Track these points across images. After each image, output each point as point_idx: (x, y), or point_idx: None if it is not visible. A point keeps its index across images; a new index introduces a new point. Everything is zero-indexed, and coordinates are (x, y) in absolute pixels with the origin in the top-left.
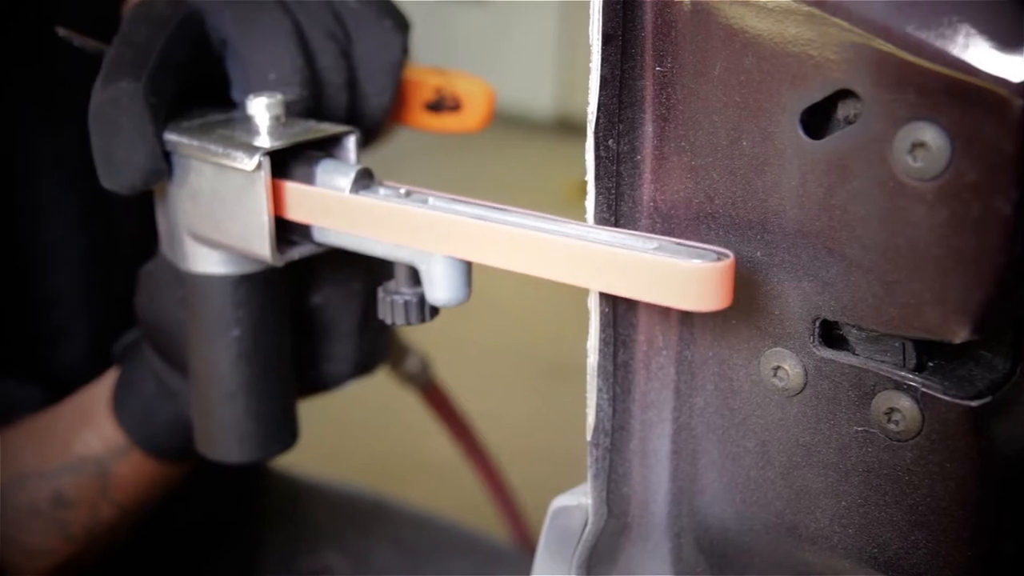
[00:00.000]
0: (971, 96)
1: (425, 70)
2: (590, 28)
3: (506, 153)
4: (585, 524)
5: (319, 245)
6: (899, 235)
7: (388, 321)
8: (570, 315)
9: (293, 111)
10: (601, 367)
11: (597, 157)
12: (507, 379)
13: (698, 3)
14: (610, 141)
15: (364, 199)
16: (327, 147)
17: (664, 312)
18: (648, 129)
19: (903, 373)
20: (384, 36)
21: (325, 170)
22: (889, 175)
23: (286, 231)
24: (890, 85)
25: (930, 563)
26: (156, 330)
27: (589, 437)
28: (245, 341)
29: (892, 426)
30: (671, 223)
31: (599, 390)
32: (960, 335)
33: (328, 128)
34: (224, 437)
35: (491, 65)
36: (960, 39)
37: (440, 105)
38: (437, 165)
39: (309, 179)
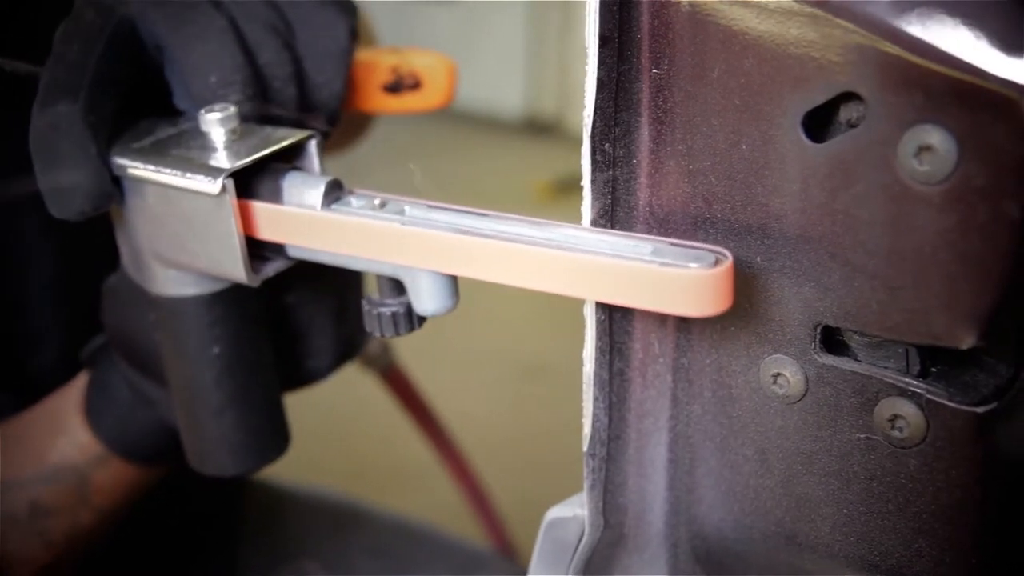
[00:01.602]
0: (979, 98)
1: (379, 51)
2: (586, 30)
3: (475, 154)
4: (581, 536)
5: (293, 259)
6: (904, 240)
7: (377, 334)
8: (544, 317)
9: (241, 112)
10: (597, 376)
11: (593, 161)
12: (483, 382)
13: (696, 4)
14: (606, 145)
15: (340, 216)
16: (288, 155)
17: (660, 319)
18: (644, 133)
19: (907, 379)
20: (328, 22)
21: (292, 184)
22: (894, 179)
23: (258, 247)
24: (896, 88)
25: (934, 571)
26: (126, 346)
27: (585, 447)
28: (226, 357)
29: (896, 433)
30: (668, 228)
31: (595, 399)
32: (967, 341)
33: (288, 136)
34: (216, 453)
35: (460, 66)
36: (968, 41)
37: (399, 85)
38: (406, 168)
39: (276, 196)
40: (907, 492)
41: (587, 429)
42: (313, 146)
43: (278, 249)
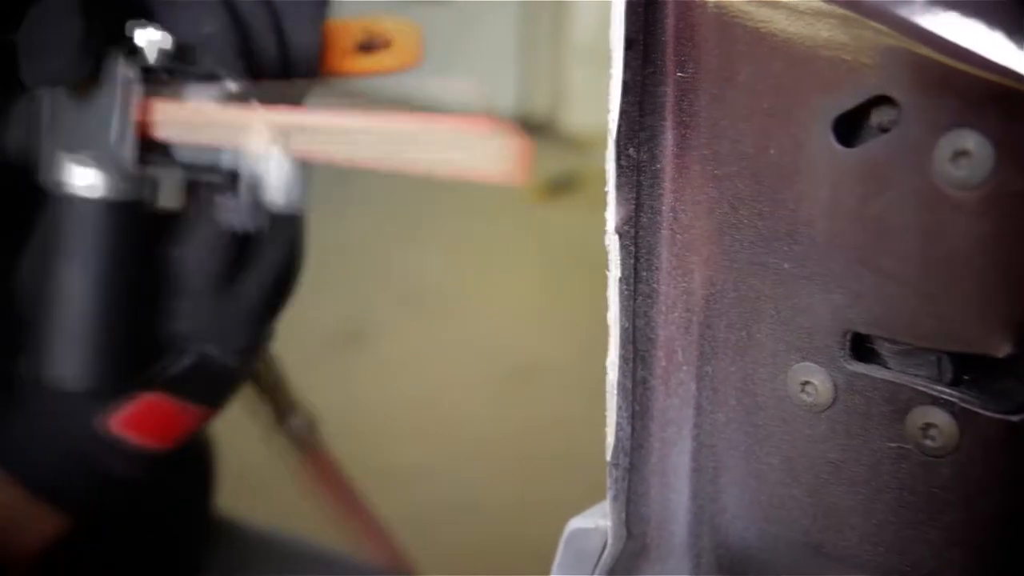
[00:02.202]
0: (1017, 102)
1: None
2: (611, 32)
3: None
4: (603, 547)
5: (177, 166)
6: (938, 246)
7: (226, 225)
8: (534, 317)
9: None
10: (620, 384)
11: (618, 166)
12: (474, 381)
13: (723, 5)
14: (630, 149)
15: (200, 106)
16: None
17: (684, 326)
18: (668, 137)
19: (940, 388)
20: None
21: (191, 89)
22: (928, 184)
23: (149, 152)
24: (931, 91)
25: None
26: (33, 303)
27: (608, 457)
28: (109, 265)
29: (928, 442)
30: (692, 234)
31: (619, 408)
32: (1003, 348)
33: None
34: (61, 357)
35: (452, 65)
36: (1005, 44)
37: (371, 45)
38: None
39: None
40: (939, 502)
41: (610, 438)
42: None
43: (168, 156)
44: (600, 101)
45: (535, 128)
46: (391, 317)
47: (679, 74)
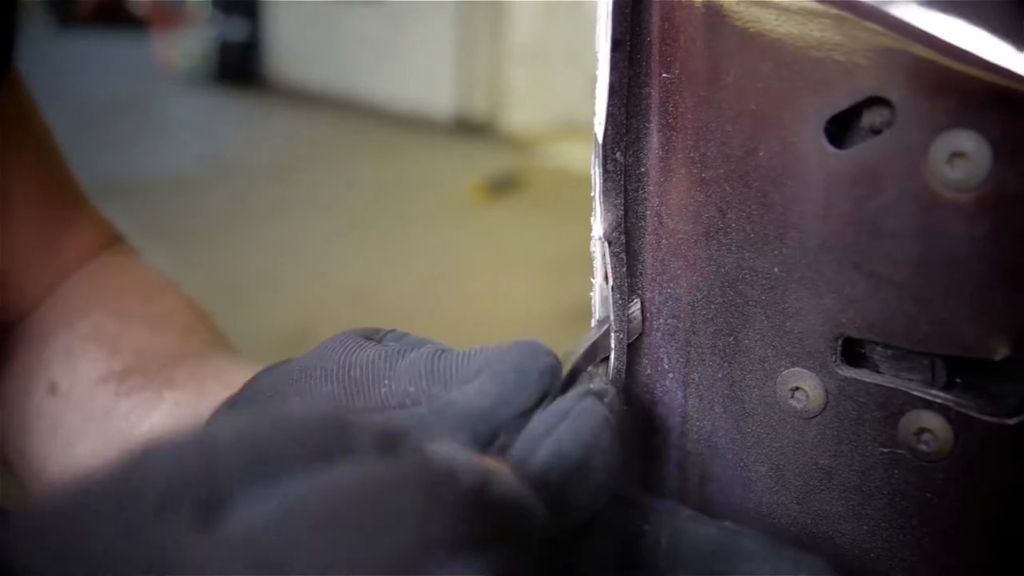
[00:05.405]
0: (1015, 103)
1: None
2: (597, 33)
3: (407, 155)
4: None
5: None
6: (934, 249)
7: None
8: (481, 317)
9: None
10: None
11: (605, 171)
12: None
13: (711, 5)
14: (617, 153)
15: None
16: None
17: (669, 332)
18: (654, 139)
19: (934, 392)
20: None
21: None
22: (924, 186)
23: None
24: (927, 92)
25: None
26: None
27: None
28: None
29: (923, 447)
30: (678, 238)
31: None
32: (1000, 352)
33: None
34: None
35: (390, 66)
36: (1003, 44)
37: None
38: (340, 168)
39: None
40: (933, 506)
41: None
42: None
43: None
44: (539, 101)
45: (474, 128)
46: (339, 318)
47: (664, 75)
